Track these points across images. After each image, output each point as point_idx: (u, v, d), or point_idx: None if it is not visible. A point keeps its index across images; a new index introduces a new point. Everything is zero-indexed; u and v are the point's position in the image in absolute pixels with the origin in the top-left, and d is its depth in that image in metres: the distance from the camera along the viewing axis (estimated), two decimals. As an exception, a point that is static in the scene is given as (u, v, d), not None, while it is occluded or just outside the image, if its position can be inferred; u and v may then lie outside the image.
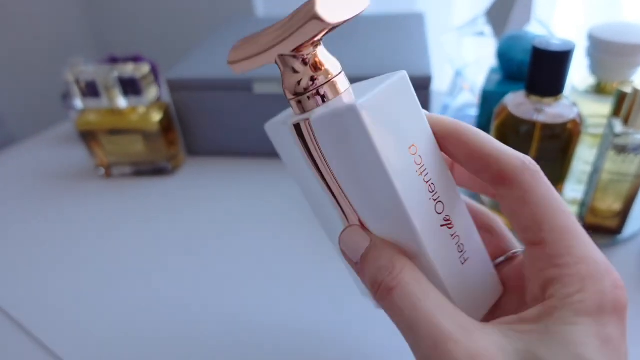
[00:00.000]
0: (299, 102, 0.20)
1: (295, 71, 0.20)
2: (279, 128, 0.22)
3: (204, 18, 0.94)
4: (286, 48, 0.19)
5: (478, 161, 0.19)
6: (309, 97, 0.20)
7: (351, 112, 0.17)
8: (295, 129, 0.20)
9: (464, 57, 0.56)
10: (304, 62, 0.19)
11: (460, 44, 0.56)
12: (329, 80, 0.20)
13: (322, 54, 0.20)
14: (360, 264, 0.19)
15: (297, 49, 0.19)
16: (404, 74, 0.19)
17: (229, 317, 0.37)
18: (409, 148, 0.19)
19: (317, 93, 0.20)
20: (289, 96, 0.20)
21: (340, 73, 0.20)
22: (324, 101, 0.20)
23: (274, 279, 0.40)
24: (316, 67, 0.19)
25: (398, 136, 0.19)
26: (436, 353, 0.16)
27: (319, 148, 0.19)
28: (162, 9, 0.98)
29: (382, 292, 0.18)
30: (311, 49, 0.19)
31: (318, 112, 0.19)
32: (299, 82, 0.19)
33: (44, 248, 0.46)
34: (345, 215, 0.21)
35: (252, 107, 0.53)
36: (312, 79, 0.19)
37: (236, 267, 0.42)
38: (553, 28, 0.67)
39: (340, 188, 0.20)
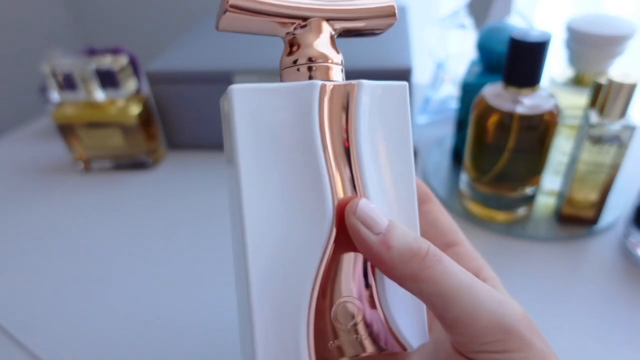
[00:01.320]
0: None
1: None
2: (258, 93, 0.21)
3: (190, 11, 0.93)
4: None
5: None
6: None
7: (403, 85, 0.20)
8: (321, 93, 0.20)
9: (446, 49, 0.56)
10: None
11: (442, 37, 0.56)
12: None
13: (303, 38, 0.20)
14: (389, 234, 0.18)
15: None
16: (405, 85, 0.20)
17: (214, 311, 0.37)
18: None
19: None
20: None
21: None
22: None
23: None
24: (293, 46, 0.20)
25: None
26: (473, 308, 0.17)
27: (354, 116, 0.20)
28: (146, 1, 0.97)
29: (433, 257, 0.18)
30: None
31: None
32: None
33: (22, 243, 0.45)
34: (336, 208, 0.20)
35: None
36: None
37: (219, 260, 0.42)
38: (534, 20, 0.67)
39: (357, 173, 0.20)
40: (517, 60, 0.36)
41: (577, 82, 0.44)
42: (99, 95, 0.50)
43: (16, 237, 0.46)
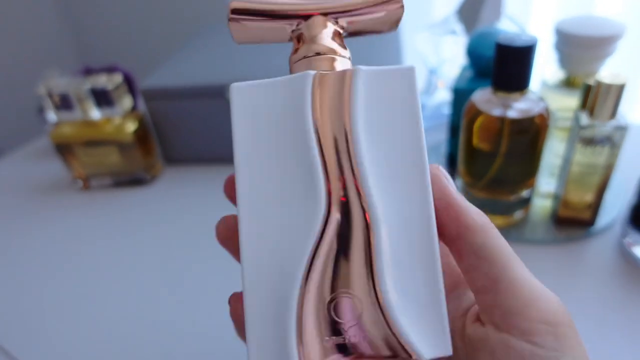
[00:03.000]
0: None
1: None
2: (259, 87, 0.21)
3: (186, 28, 0.94)
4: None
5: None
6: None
7: (409, 69, 0.19)
8: (322, 80, 0.20)
9: (438, 55, 0.57)
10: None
11: (434, 43, 0.57)
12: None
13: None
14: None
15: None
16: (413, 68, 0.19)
17: (212, 327, 0.37)
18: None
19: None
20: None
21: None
22: None
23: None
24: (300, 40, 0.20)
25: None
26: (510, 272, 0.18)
27: (351, 101, 0.20)
28: (142, 19, 0.98)
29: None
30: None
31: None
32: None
33: (23, 262, 0.46)
34: (332, 197, 0.19)
35: (226, 113, 0.53)
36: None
37: (218, 275, 0.42)
38: (525, 24, 0.68)
39: (353, 163, 0.19)
40: (505, 65, 0.36)
41: (568, 84, 0.44)
42: (95, 114, 0.51)
43: (17, 256, 0.47)
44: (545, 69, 0.47)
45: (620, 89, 0.34)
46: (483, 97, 0.39)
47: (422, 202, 0.19)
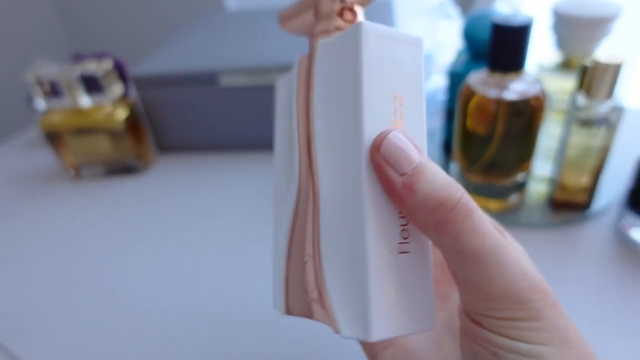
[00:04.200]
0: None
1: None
2: (287, 75, 0.23)
3: (179, 15, 0.93)
4: None
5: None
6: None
7: (356, 29, 0.17)
8: (301, 60, 0.21)
9: (434, 40, 0.56)
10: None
11: (429, 28, 0.56)
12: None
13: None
14: (415, 177, 0.16)
15: None
16: (420, 38, 0.19)
17: (207, 316, 0.36)
18: (395, 97, 0.18)
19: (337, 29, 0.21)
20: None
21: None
22: None
23: (252, 275, 0.40)
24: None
25: (388, 78, 0.17)
26: (508, 270, 0.16)
27: (312, 75, 0.19)
28: (135, 6, 0.96)
29: (461, 210, 0.16)
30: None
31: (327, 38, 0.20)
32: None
33: (15, 252, 0.45)
34: (301, 167, 0.20)
35: (218, 100, 0.53)
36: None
37: (213, 262, 0.41)
38: (520, 5, 0.67)
39: (310, 133, 0.20)
40: (501, 45, 0.36)
41: (565, 66, 0.43)
42: (85, 101, 0.50)
43: (8, 246, 0.46)
44: (541, 51, 0.46)
45: (617, 68, 0.34)
46: (479, 79, 0.38)
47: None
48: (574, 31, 0.41)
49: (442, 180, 0.16)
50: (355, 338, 0.17)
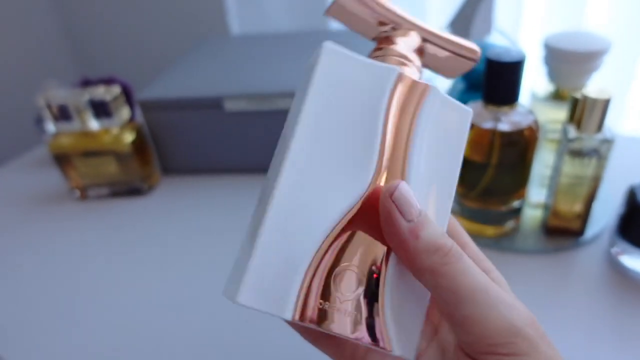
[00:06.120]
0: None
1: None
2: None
3: (184, 39, 0.95)
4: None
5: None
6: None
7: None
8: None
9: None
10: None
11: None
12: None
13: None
14: (420, 224, 0.18)
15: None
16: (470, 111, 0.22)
17: (211, 337, 0.37)
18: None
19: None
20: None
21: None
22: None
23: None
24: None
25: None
26: (493, 310, 0.18)
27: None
28: (140, 31, 0.99)
29: (454, 254, 0.18)
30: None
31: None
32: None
33: (21, 272, 0.46)
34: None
35: (222, 124, 0.54)
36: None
37: (217, 285, 0.42)
38: (516, 37, 0.69)
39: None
40: (495, 80, 0.37)
41: (557, 96, 0.45)
42: (93, 124, 0.52)
43: (14, 266, 0.47)
44: (535, 81, 0.48)
45: (605, 103, 0.35)
46: (474, 111, 0.40)
47: (442, 214, 0.21)
48: (564, 64, 0.42)
49: (439, 229, 0.18)
50: (399, 354, 0.19)
